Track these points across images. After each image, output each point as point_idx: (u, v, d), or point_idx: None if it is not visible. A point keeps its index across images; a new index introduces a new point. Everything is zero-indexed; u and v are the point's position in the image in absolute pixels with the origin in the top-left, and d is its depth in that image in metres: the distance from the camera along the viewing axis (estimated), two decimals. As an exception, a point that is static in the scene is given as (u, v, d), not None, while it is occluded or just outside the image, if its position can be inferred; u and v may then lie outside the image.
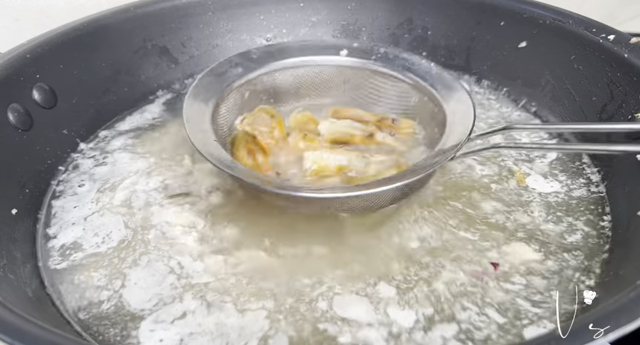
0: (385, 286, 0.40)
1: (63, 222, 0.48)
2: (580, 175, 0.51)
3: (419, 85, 0.53)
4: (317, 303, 0.39)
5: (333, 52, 0.57)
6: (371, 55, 0.56)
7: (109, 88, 0.61)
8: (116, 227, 0.47)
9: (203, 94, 0.50)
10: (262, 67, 0.55)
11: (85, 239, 0.46)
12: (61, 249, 0.45)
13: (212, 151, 0.44)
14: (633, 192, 0.45)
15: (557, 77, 0.57)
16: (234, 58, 0.55)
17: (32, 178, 0.50)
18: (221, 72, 0.53)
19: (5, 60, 0.49)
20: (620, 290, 0.30)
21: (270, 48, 0.57)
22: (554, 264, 0.42)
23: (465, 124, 0.45)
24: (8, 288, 0.37)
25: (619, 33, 0.51)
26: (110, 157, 0.56)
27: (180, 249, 0.44)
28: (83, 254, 0.45)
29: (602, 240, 0.44)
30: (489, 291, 0.39)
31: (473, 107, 0.47)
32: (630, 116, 0.48)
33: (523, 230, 0.45)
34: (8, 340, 0.28)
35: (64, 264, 0.44)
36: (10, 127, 0.48)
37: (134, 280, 0.42)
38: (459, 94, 0.50)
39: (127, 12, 0.61)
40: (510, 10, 0.60)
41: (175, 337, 0.37)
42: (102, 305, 0.40)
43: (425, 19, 0.67)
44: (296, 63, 0.56)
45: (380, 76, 0.56)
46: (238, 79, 0.53)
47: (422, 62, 0.54)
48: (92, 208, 0.49)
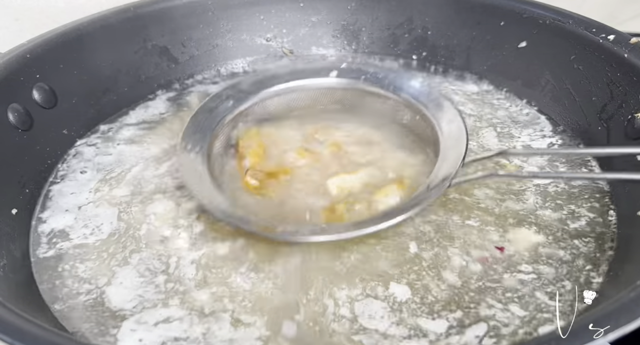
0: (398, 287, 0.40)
1: (56, 207, 0.48)
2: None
3: (410, 103, 0.53)
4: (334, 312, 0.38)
5: (323, 75, 0.56)
6: (360, 75, 0.56)
7: (109, 88, 0.61)
8: (108, 220, 0.47)
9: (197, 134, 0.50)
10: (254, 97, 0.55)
11: (73, 229, 0.46)
12: (49, 235, 0.46)
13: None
14: (633, 192, 0.45)
15: (557, 77, 0.57)
16: (223, 92, 0.54)
17: (32, 178, 0.50)
18: (212, 107, 0.53)
19: (5, 60, 0.49)
20: (620, 290, 0.30)
21: (258, 76, 0.57)
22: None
23: (458, 150, 0.45)
24: (8, 288, 0.37)
25: (619, 33, 0.51)
26: (115, 147, 0.56)
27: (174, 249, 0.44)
28: (70, 243, 0.45)
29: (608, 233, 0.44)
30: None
31: (466, 131, 0.46)
32: (630, 116, 0.48)
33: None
34: (8, 340, 0.28)
35: (50, 252, 0.44)
36: (10, 127, 0.48)
37: (120, 279, 0.41)
38: (450, 114, 0.49)
39: (127, 12, 0.61)
40: (510, 10, 0.60)
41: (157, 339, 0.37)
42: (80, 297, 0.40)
43: (425, 19, 0.67)
44: (286, 89, 0.56)
45: (369, 95, 0.56)
46: (229, 113, 0.53)
47: (413, 81, 0.54)
48: (89, 197, 0.49)
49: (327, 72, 0.56)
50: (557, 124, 0.57)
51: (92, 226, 0.46)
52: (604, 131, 0.51)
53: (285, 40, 0.72)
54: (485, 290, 0.39)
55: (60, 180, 0.52)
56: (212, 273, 0.42)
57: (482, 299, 0.38)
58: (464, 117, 0.49)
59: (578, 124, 0.55)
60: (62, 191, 0.50)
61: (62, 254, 0.44)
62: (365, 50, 0.72)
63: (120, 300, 0.40)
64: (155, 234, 0.45)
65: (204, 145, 0.48)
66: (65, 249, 0.44)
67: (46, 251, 0.44)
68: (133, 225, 0.46)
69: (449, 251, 0.42)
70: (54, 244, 0.45)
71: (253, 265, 0.42)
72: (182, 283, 0.41)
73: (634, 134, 0.47)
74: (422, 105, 0.52)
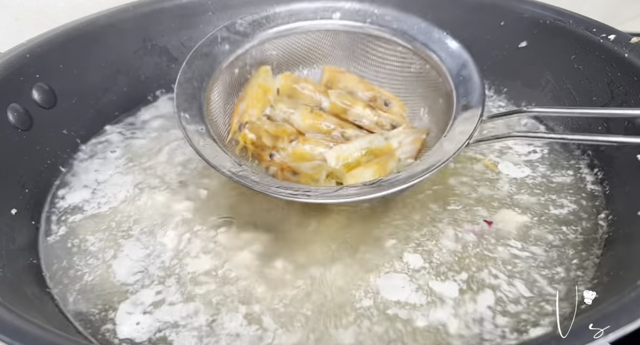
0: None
1: (77, 183, 0.52)
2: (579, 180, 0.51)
3: (419, 50, 0.51)
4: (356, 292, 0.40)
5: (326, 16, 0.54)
6: (366, 18, 0.54)
7: (109, 88, 0.61)
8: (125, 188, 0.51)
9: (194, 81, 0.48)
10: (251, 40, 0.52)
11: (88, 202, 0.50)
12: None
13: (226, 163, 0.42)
14: (633, 192, 0.45)
15: (557, 77, 0.57)
16: (218, 33, 0.52)
17: (32, 178, 0.50)
18: (207, 52, 0.50)
19: (5, 60, 0.49)
20: (620, 290, 0.30)
21: (256, 17, 0.54)
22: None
23: (473, 111, 0.44)
24: (8, 288, 0.37)
25: (619, 33, 0.51)
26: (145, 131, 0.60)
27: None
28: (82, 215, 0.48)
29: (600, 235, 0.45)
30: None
31: (482, 87, 0.45)
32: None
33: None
34: (8, 340, 0.28)
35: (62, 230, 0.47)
36: (10, 127, 0.48)
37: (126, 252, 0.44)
38: (464, 60, 0.48)
39: (127, 12, 0.61)
40: (510, 10, 0.60)
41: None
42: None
43: (425, 18, 0.67)
44: (286, 31, 0.54)
45: (376, 40, 0.54)
46: (225, 57, 0.51)
47: (421, 23, 0.52)
48: (112, 172, 0.53)
49: (329, 13, 0.55)
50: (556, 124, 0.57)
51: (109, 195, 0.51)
52: (604, 131, 0.51)
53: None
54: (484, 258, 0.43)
55: (89, 157, 0.56)
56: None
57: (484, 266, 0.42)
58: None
59: (578, 124, 0.55)
60: (88, 168, 0.54)
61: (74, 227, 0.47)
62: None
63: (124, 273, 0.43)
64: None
65: (202, 97, 0.47)
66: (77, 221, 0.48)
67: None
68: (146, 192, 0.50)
69: (439, 227, 0.45)
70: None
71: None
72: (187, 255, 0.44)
73: (634, 134, 0.47)
74: (433, 52, 0.50)
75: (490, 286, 0.40)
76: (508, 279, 0.41)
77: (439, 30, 0.52)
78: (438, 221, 0.46)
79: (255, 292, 0.40)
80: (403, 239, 0.44)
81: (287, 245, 0.44)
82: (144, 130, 0.60)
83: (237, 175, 0.40)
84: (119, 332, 0.38)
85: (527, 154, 0.54)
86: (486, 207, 0.47)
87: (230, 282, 0.41)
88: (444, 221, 0.46)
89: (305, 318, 0.38)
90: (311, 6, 0.54)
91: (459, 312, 0.38)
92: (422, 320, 0.38)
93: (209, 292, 0.40)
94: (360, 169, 0.47)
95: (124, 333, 0.38)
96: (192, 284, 0.41)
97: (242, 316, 0.39)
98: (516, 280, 0.41)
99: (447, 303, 0.39)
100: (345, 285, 0.41)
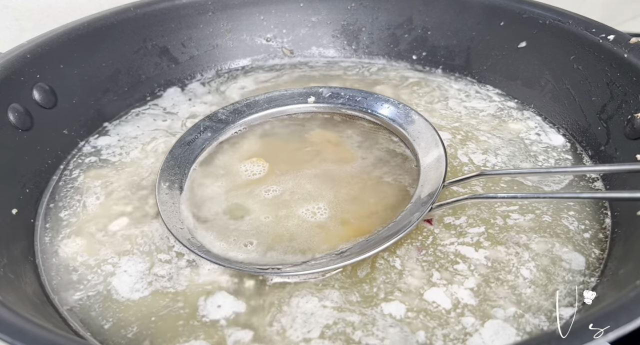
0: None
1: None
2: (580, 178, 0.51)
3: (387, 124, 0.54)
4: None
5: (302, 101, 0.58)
6: (338, 99, 0.57)
7: (109, 88, 0.61)
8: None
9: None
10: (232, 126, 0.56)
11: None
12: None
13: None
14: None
15: (557, 77, 0.57)
16: (201, 122, 0.55)
17: (32, 178, 0.50)
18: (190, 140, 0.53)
19: (5, 60, 0.49)
20: (620, 290, 0.30)
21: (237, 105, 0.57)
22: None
23: (438, 172, 0.45)
24: (8, 288, 0.37)
25: (618, 33, 0.51)
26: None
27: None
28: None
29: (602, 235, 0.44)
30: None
31: (445, 155, 0.47)
32: (629, 116, 0.48)
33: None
34: (8, 340, 0.27)
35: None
36: (10, 127, 0.48)
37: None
38: (429, 134, 0.50)
39: (127, 12, 0.61)
40: (510, 10, 0.60)
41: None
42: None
43: (425, 19, 0.67)
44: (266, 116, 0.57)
45: (349, 118, 0.57)
46: (208, 144, 0.54)
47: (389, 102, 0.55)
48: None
49: (304, 98, 0.58)
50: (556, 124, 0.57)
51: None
52: (604, 131, 0.51)
53: (285, 40, 0.72)
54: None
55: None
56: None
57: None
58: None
59: (578, 124, 0.55)
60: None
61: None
62: (365, 50, 0.72)
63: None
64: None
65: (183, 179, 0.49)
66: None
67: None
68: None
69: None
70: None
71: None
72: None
73: (634, 135, 0.47)
74: (400, 127, 0.53)
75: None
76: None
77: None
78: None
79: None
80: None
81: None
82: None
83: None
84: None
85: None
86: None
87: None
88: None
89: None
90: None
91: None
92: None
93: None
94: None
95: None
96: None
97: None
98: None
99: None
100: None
